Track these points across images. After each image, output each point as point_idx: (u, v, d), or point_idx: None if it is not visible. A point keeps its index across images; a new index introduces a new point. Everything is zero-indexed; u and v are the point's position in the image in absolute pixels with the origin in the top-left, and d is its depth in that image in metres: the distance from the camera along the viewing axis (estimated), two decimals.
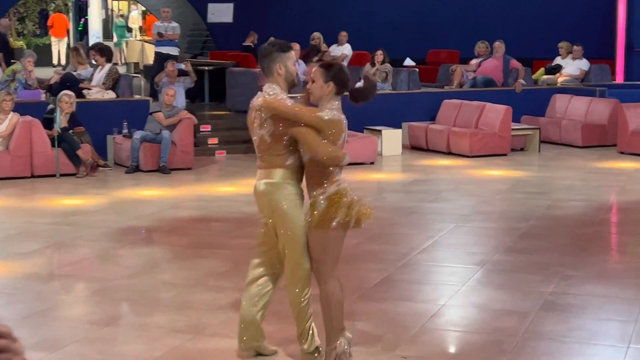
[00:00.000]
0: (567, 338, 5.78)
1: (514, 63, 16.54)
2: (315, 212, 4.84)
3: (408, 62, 19.04)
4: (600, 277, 7.31)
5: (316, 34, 17.75)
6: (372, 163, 13.56)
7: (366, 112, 15.20)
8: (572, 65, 17.32)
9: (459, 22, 21.46)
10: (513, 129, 14.60)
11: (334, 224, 4.84)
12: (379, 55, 16.11)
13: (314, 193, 4.90)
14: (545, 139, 15.38)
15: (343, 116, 4.97)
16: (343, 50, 18.37)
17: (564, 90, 16.63)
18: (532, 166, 13.42)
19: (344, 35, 18.51)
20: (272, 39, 5.08)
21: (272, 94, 4.91)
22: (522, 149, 14.85)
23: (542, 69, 17.74)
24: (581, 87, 16.76)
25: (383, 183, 12.28)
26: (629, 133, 14.19)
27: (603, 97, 15.93)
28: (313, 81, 4.96)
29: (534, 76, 17.56)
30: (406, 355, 5.46)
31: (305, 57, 16.63)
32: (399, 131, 14.80)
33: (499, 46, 16.51)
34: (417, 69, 17.59)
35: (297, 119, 4.84)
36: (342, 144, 4.92)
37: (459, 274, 7.38)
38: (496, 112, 14.44)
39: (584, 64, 17.31)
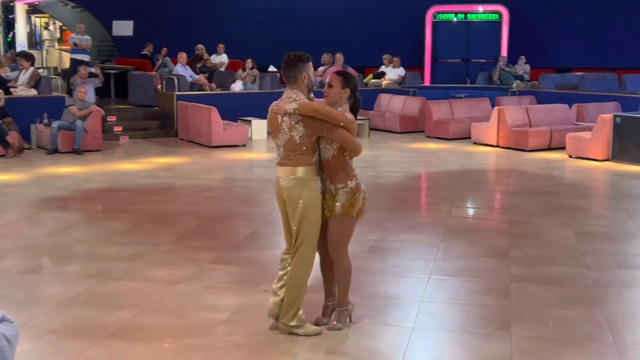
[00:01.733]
0: (385, 272, 5.92)
1: (351, 70, 16.76)
2: (338, 203, 4.45)
3: (272, 68, 19.00)
4: (411, 227, 7.52)
5: (200, 45, 17.49)
6: (244, 145, 13.49)
7: (239, 107, 15.15)
8: (392, 72, 17.75)
9: (311, 37, 21.59)
10: None
11: (353, 213, 4.54)
12: (249, 62, 16.07)
13: (337, 186, 4.46)
14: (373, 127, 15.72)
15: None
16: (221, 59, 18.15)
17: (387, 90, 17.01)
18: (364, 147, 13.52)
19: (221, 47, 18.30)
20: (297, 52, 4.48)
21: (299, 99, 4.40)
22: (357, 134, 15.05)
23: (371, 75, 18.07)
24: (399, 89, 17.20)
25: (253, 160, 12.25)
26: (433, 122, 14.67)
27: (415, 96, 16.40)
28: (330, 86, 4.50)
29: (365, 80, 17.87)
30: (267, 289, 5.48)
31: (191, 64, 16.36)
32: (264, 121, 14.76)
33: (339, 57, 16.71)
34: (278, 74, 17.57)
35: (334, 120, 4.34)
36: None
37: None
38: None
39: (401, 71, 17.78)
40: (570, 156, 12.07)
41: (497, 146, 13.25)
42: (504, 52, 19.78)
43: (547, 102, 14.44)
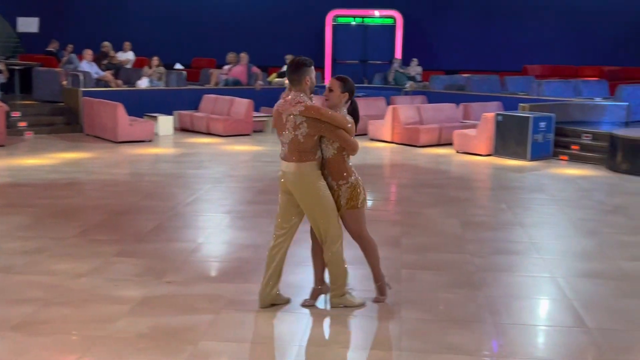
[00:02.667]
0: (287, 262, 5.84)
1: (255, 69, 16.70)
2: (343, 202, 4.67)
3: (178, 66, 18.70)
4: None
5: (106, 43, 16.92)
6: (150, 141, 13.19)
7: (146, 103, 14.80)
8: None
9: (216, 37, 21.36)
10: (254, 117, 14.76)
11: (359, 204, 4.72)
12: (155, 60, 15.72)
13: (339, 182, 4.66)
14: None
15: None
16: (127, 56, 17.66)
17: None
18: (268, 143, 13.63)
19: (127, 44, 17.82)
20: (301, 57, 4.58)
21: (304, 101, 4.52)
22: (261, 131, 15.05)
23: (274, 74, 18.02)
24: None
25: (159, 155, 11.99)
26: None
27: (316, 95, 16.43)
28: (331, 90, 4.61)
29: (269, 79, 17.80)
30: (171, 280, 5.40)
31: (97, 61, 15.84)
32: (171, 117, 14.49)
33: (244, 56, 16.60)
34: (184, 72, 17.30)
35: (336, 122, 4.50)
36: None
37: (213, 220, 7.39)
38: (242, 104, 14.52)
39: None
40: (457, 151, 12.46)
41: (392, 142, 13.52)
42: (398, 54, 20.22)
43: (437, 102, 14.84)
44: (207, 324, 4.56)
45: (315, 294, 4.96)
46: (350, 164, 4.73)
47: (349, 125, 4.58)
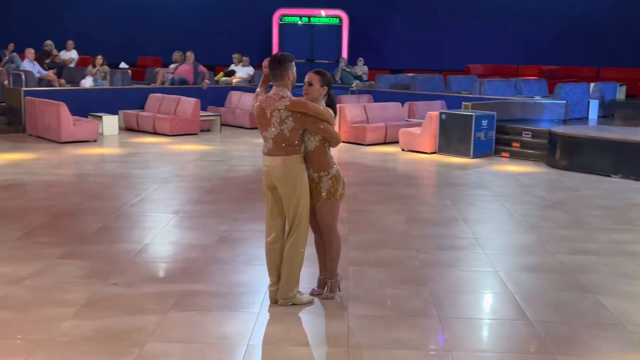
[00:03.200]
0: (234, 261, 5.88)
1: (201, 68, 16.54)
2: (324, 193, 4.73)
3: (123, 65, 18.36)
4: (260, 218, 7.43)
5: (48, 42, 16.54)
6: (95, 141, 12.92)
7: (90, 103, 14.49)
8: (242, 71, 17.66)
9: (162, 36, 21.06)
10: (201, 116, 14.61)
11: (337, 196, 4.76)
12: (99, 59, 15.41)
13: (320, 174, 4.72)
14: (224, 123, 15.61)
15: None
16: (70, 55, 17.27)
17: (237, 88, 16.92)
18: (216, 142, 13.53)
19: (70, 43, 17.42)
20: (283, 53, 4.70)
21: (287, 95, 4.59)
22: (208, 130, 14.91)
23: (221, 73, 17.89)
24: (249, 86, 17.15)
25: (104, 156, 11.75)
26: None
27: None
28: (311, 84, 4.68)
29: (216, 78, 17.68)
30: (116, 282, 5.29)
31: (39, 60, 15.44)
32: (116, 117, 14.22)
33: (190, 55, 16.43)
34: (130, 71, 17.02)
35: (320, 116, 4.58)
36: None
37: (160, 221, 7.27)
38: (189, 103, 14.36)
39: (250, 70, 17.73)
40: (402, 149, 12.58)
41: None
42: (345, 54, 20.31)
43: (383, 101, 14.96)
44: (154, 325, 4.49)
45: (323, 283, 5.05)
46: (332, 156, 4.81)
47: (332, 117, 4.68)
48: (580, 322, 4.68)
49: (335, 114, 4.77)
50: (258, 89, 4.84)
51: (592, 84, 14.75)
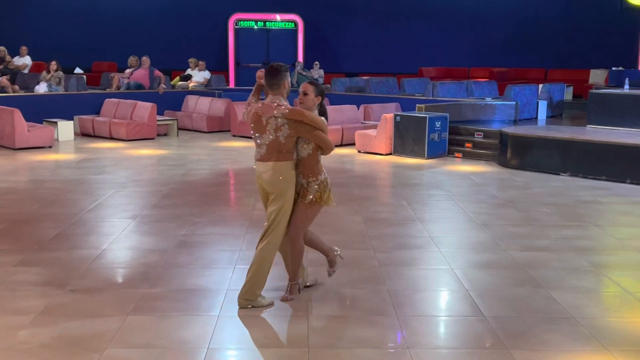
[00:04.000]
0: (192, 265, 5.82)
1: (157, 72, 16.36)
2: (310, 196, 4.80)
3: (77, 70, 18.05)
4: (219, 221, 7.48)
5: (1, 48, 16.22)
6: (50, 147, 12.66)
7: (45, 108, 14.20)
8: (198, 75, 17.54)
9: (117, 41, 20.77)
10: (158, 120, 14.44)
11: (321, 202, 4.86)
12: (53, 64, 15.14)
13: (309, 180, 4.81)
14: (181, 127, 15.46)
15: None
16: (24, 61, 16.87)
17: (193, 92, 16.78)
18: (173, 146, 13.38)
19: (24, 48, 17.03)
20: (279, 63, 4.82)
21: (283, 104, 4.72)
22: (165, 134, 14.74)
23: (178, 77, 17.74)
24: (205, 90, 17.03)
25: (59, 162, 11.52)
26: (238, 122, 14.70)
27: (220, 97, 16.33)
28: (306, 94, 4.80)
29: (172, 82, 17.51)
30: (74, 288, 5.19)
31: None
32: (71, 122, 13.95)
33: (146, 60, 16.23)
34: (84, 76, 16.76)
35: (315, 124, 4.69)
36: None
37: (117, 226, 7.15)
38: (145, 108, 14.18)
39: (207, 74, 17.63)
40: (359, 151, 12.65)
41: None
42: (301, 58, 20.33)
43: (339, 104, 15.01)
44: (113, 331, 4.42)
45: (291, 288, 5.08)
46: (321, 163, 4.91)
47: (325, 125, 4.78)
48: (533, 317, 4.77)
49: (327, 122, 4.84)
50: (250, 98, 4.91)
51: (540, 86, 15.06)
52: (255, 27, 20.38)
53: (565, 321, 4.69)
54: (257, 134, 4.80)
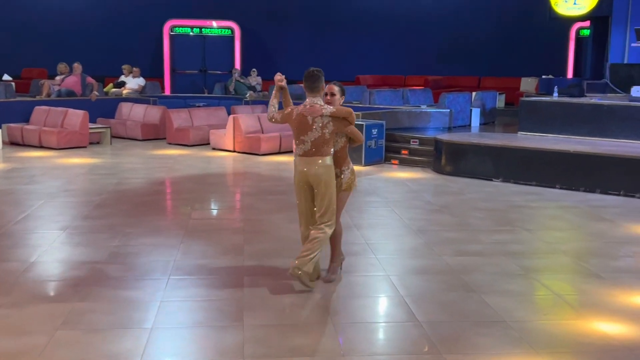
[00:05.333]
0: (125, 277, 5.69)
1: (90, 79, 16.00)
2: (343, 182, 5.49)
3: (6, 77, 17.49)
4: (153, 231, 7.35)
5: None
6: None
7: None
8: (132, 82, 17.24)
9: (48, 47, 20.23)
10: (90, 128, 14.12)
11: (352, 186, 5.55)
12: None
13: (342, 169, 5.49)
14: (115, 135, 15.15)
15: None
16: None
17: (127, 99, 16.48)
18: (106, 155, 13.10)
19: None
20: (317, 69, 5.42)
21: (324, 105, 5.36)
22: (98, 143, 14.41)
23: (111, 84, 17.39)
24: (140, 97, 16.76)
25: None
26: (174, 130, 14.51)
27: (155, 105, 16.09)
28: (333, 95, 5.44)
29: (105, 89, 17.15)
30: (1, 303, 5.00)
31: None
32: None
33: (77, 66, 15.84)
34: (13, 83, 16.24)
35: (353, 120, 5.38)
36: None
37: (47, 238, 6.94)
38: (77, 116, 13.83)
39: (141, 81, 17.34)
40: None
41: (234, 151, 13.48)
42: (238, 65, 20.23)
43: None
44: (41, 347, 4.27)
45: (333, 269, 5.67)
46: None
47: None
48: (466, 321, 4.86)
49: None
50: (273, 100, 5.59)
51: (474, 93, 15.41)
52: (191, 33, 20.18)
53: (496, 325, 4.80)
54: (300, 133, 5.37)
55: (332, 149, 5.39)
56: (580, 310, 5.16)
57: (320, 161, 5.33)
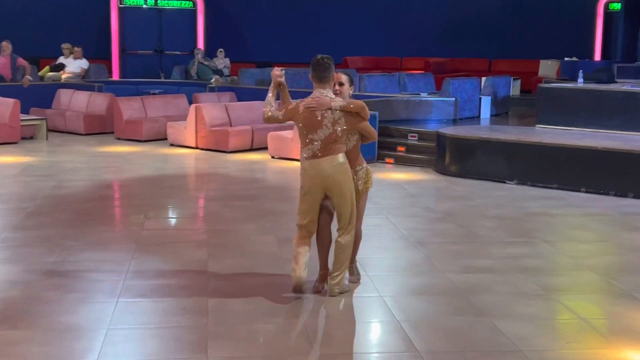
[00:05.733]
0: (65, 299, 5.65)
1: (21, 61, 15.95)
2: (360, 181, 5.82)
3: None
4: (97, 244, 7.31)
5: None
6: None
7: None
8: (73, 64, 17.19)
9: None
10: (22, 120, 14.05)
11: (368, 185, 5.90)
12: None
13: (355, 168, 5.78)
14: (52, 128, 15.09)
15: None
16: None
17: (67, 85, 16.42)
18: (41, 152, 13.03)
19: None
20: (327, 56, 5.64)
21: (333, 96, 5.59)
22: (31, 137, 14.34)
23: (47, 67, 17.33)
24: (82, 83, 16.71)
25: None
26: (124, 122, 14.47)
27: (101, 92, 16.04)
28: (342, 84, 5.69)
29: (40, 73, 17.10)
30: None
31: None
32: None
33: (6, 46, 15.80)
34: None
35: (364, 115, 5.62)
36: None
37: None
38: (6, 105, 13.76)
39: (84, 63, 17.31)
40: (272, 157, 12.67)
41: (197, 147, 13.47)
42: (201, 44, 20.21)
43: (248, 99, 15.01)
44: None
45: (323, 278, 5.88)
46: None
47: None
48: (475, 351, 4.88)
49: None
50: (271, 99, 5.75)
51: (483, 79, 15.52)
52: (145, 6, 20.11)
53: (511, 355, 4.83)
54: (309, 131, 5.57)
55: (345, 147, 5.65)
56: (610, 337, 5.20)
57: (334, 161, 5.58)
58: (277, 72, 5.75)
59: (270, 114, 5.74)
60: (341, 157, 5.61)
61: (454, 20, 21.96)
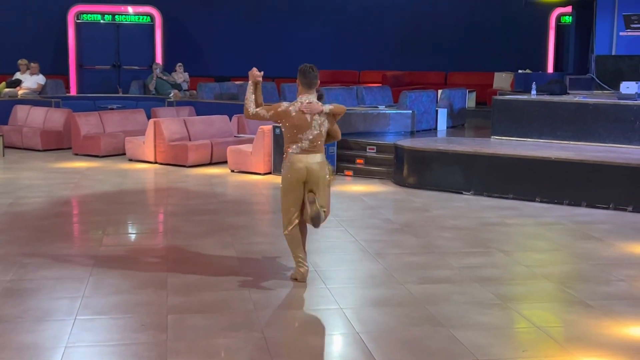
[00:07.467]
0: (21, 318, 5.55)
1: None
2: (328, 176, 6.46)
3: None
4: (54, 261, 7.19)
5: None
6: None
7: None
8: (30, 80, 16.98)
9: None
10: None
11: (333, 179, 6.59)
12: None
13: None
14: (8, 145, 14.87)
15: None
16: None
17: (24, 101, 16.20)
18: None
19: None
20: (312, 65, 6.42)
21: (318, 101, 6.37)
22: None
23: (3, 83, 17.08)
24: (39, 99, 16.49)
25: None
26: (82, 137, 14.31)
27: (58, 107, 15.85)
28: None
29: None
30: None
31: None
32: None
33: None
34: None
35: (340, 117, 6.53)
36: None
37: None
38: None
39: (40, 79, 17.10)
40: (232, 170, 12.62)
41: (156, 162, 13.36)
42: (159, 59, 20.10)
43: (207, 114, 14.94)
44: None
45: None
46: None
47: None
48: None
49: None
50: (252, 97, 6.31)
51: (439, 91, 15.66)
52: (102, 21, 19.96)
53: None
54: (299, 131, 6.28)
55: (324, 145, 6.47)
56: (565, 344, 5.26)
57: (318, 158, 6.36)
58: (257, 72, 6.32)
59: (255, 111, 6.32)
60: (322, 155, 6.40)
61: (411, 34, 22.14)
